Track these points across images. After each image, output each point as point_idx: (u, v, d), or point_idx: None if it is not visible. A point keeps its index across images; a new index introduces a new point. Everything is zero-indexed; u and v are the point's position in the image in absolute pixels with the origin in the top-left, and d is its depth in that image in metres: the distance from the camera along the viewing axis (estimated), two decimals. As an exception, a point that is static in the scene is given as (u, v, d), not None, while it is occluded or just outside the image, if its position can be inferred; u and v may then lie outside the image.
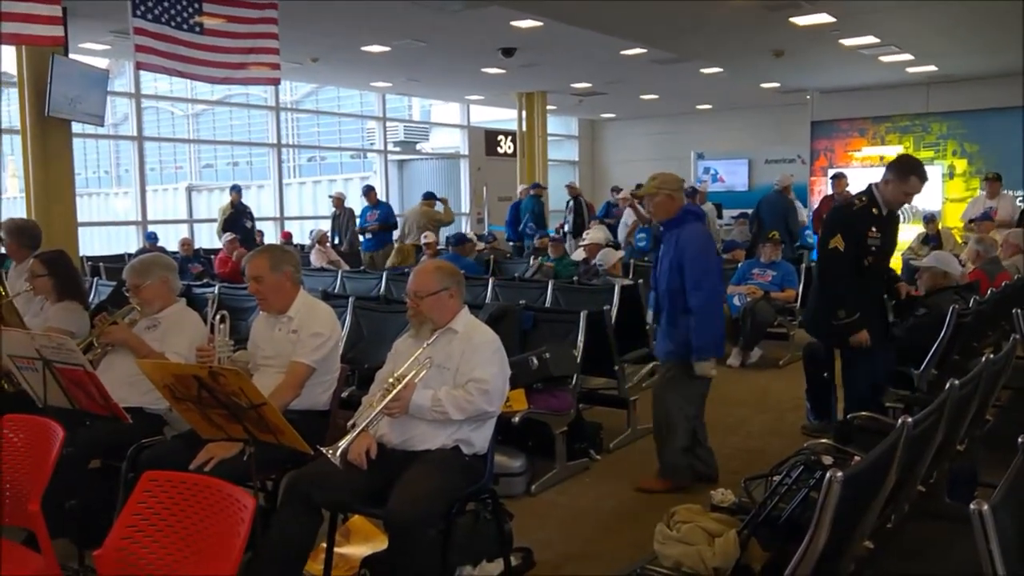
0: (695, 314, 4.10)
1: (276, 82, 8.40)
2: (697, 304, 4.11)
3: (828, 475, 1.97)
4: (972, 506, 1.70)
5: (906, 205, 5.04)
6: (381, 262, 10.54)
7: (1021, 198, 10.20)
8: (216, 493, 2.15)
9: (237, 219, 11.05)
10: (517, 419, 4.21)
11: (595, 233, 9.78)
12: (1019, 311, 4.62)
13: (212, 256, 10.52)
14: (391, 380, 3.00)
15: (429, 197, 11.63)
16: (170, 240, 11.49)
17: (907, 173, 4.34)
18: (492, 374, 3.04)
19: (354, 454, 2.96)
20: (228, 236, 10.16)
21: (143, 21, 6.92)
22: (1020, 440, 2.17)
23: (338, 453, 2.85)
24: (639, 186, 4.61)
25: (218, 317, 3.54)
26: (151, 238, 11.02)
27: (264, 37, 7.63)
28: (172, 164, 28.89)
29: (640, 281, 7.14)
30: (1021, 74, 11.12)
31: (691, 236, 4.22)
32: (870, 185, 4.51)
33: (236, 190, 11.41)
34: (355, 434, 2.92)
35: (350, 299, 5.56)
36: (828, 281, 4.53)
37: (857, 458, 2.51)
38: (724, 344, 4.62)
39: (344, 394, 4.41)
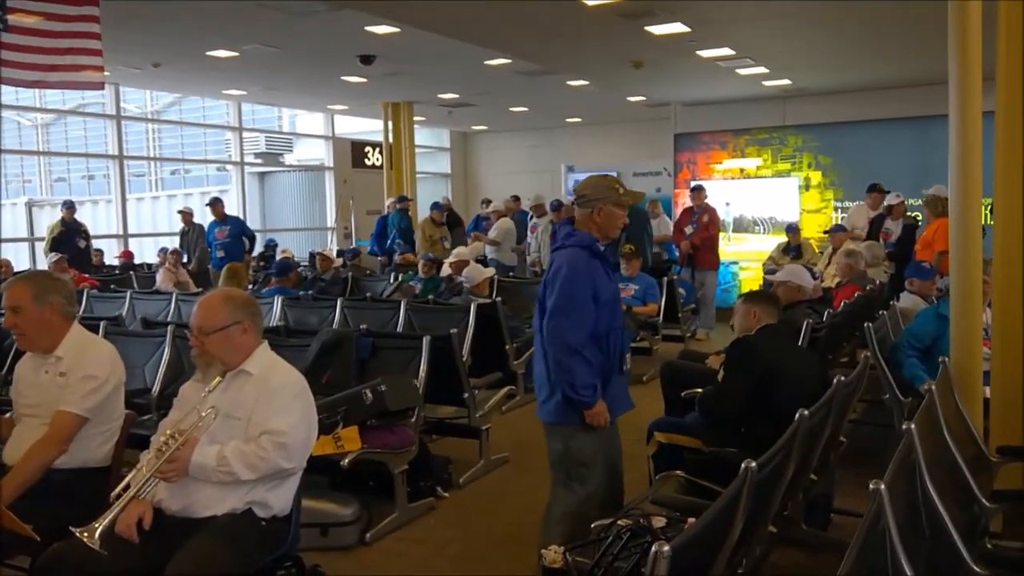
0: None
1: (99, 86, 7.55)
2: None
3: (653, 549, 1.64)
4: None
5: (765, 215, 4.83)
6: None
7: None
8: None
9: (69, 238, 10.09)
10: (347, 461, 3.75)
11: (462, 248, 9.40)
12: (870, 325, 4.54)
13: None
14: (163, 438, 2.50)
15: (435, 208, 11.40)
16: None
17: None
18: (291, 424, 2.58)
19: (123, 525, 2.45)
20: (54, 256, 9.20)
21: (-68, 16, 6.07)
22: (871, 487, 1.93)
23: (96, 535, 2.33)
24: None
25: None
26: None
27: (82, 37, 6.81)
28: (19, 177, 26.70)
29: (500, 299, 6.81)
30: (870, 89, 11.57)
31: None
32: None
33: (68, 206, 10.43)
34: (118, 509, 2.41)
35: (168, 327, 4.95)
36: None
37: (692, 519, 2.20)
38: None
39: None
